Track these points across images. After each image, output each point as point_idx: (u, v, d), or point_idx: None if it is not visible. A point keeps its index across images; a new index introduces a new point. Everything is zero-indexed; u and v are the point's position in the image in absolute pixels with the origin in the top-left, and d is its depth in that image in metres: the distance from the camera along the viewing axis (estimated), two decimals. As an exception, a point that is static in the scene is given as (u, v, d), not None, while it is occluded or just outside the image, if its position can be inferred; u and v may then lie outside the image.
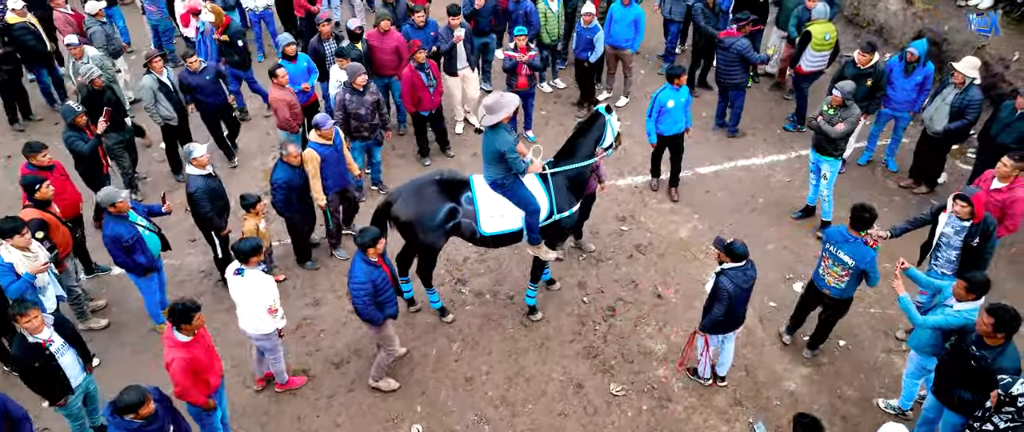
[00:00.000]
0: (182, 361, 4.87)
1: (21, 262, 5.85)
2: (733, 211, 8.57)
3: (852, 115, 7.55)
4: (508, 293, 7.48)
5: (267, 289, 5.69)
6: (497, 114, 6.05)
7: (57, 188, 6.74)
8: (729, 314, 5.69)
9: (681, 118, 8.23)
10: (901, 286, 5.68)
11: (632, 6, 9.79)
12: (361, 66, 8.08)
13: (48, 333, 5.23)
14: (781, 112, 10.42)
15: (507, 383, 6.54)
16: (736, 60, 9.13)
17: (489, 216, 6.33)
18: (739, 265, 5.56)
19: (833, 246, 5.99)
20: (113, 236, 6.27)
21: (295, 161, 7.07)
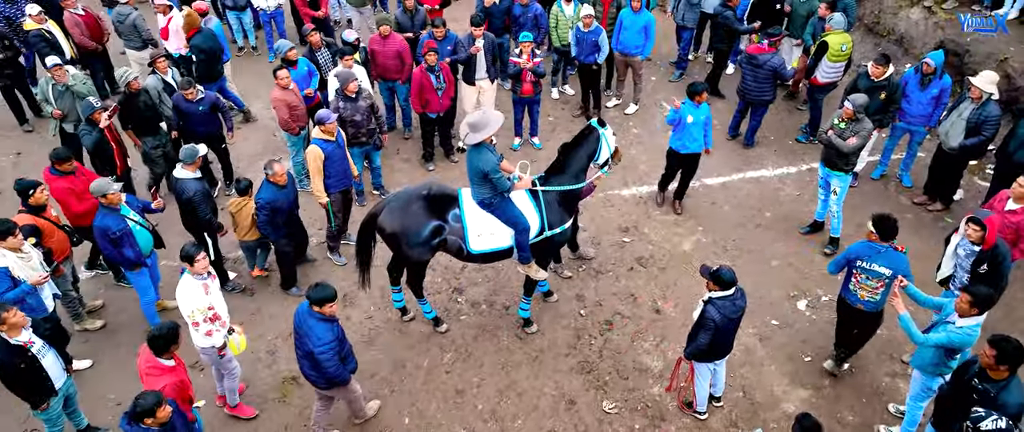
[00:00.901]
0: (172, 386, 4.79)
1: (16, 265, 5.83)
2: (739, 225, 8.37)
3: (864, 129, 7.33)
4: (504, 304, 7.37)
5: (191, 299, 5.46)
6: (480, 132, 5.93)
7: (82, 189, 6.73)
8: (714, 344, 5.51)
9: (700, 136, 7.96)
10: (901, 304, 5.50)
11: (643, 12, 9.60)
12: (352, 73, 8.01)
13: (27, 335, 5.21)
14: (794, 123, 10.19)
15: (498, 397, 6.43)
16: (769, 77, 8.93)
17: (477, 234, 6.21)
18: (728, 294, 5.37)
19: (866, 262, 5.83)
20: (101, 227, 6.28)
21: (281, 180, 6.74)
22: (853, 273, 5.95)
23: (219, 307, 5.59)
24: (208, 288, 5.47)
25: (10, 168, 9.39)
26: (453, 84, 9.11)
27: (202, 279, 5.45)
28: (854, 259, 5.89)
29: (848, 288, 6.06)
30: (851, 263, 5.93)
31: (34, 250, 6.10)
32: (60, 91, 8.33)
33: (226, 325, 5.67)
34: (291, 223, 7.04)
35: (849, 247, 6.01)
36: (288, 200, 6.81)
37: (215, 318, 5.54)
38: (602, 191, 8.90)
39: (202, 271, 5.42)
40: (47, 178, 6.77)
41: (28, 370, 5.23)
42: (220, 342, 5.62)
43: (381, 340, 6.97)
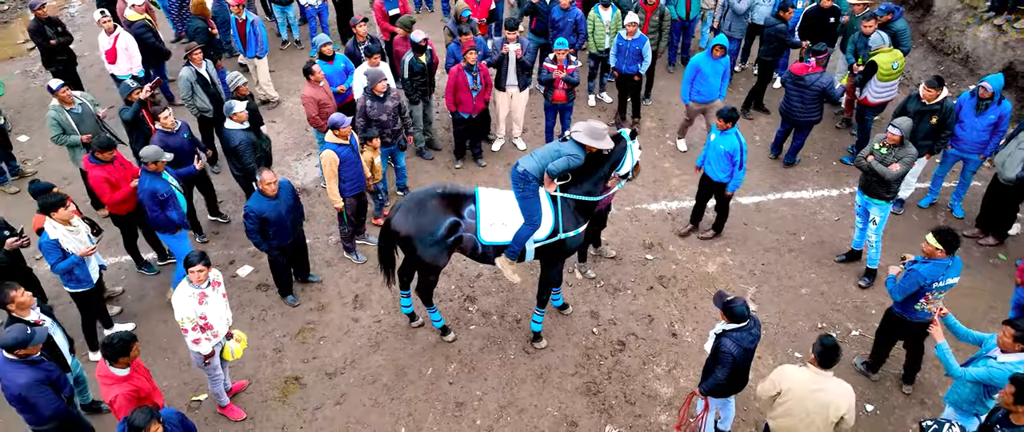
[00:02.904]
0: (126, 395, 4.75)
1: (65, 237, 6.05)
2: (770, 248, 7.97)
3: (908, 155, 6.87)
4: (516, 316, 7.19)
5: (185, 306, 5.42)
6: (590, 139, 5.88)
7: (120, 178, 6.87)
8: (733, 377, 5.20)
9: (725, 167, 7.42)
10: (939, 333, 5.18)
11: (723, 58, 8.71)
12: (381, 71, 7.93)
13: (36, 315, 5.34)
14: (841, 142, 9.69)
15: (498, 412, 6.26)
16: (816, 98, 8.48)
17: (490, 224, 6.05)
18: (742, 325, 5.07)
19: (939, 282, 5.58)
20: (151, 190, 6.59)
21: (269, 190, 6.51)
22: (924, 295, 5.68)
23: (214, 317, 5.54)
24: (205, 298, 5.44)
25: (54, 149, 9.65)
26: (489, 88, 8.98)
27: (199, 288, 5.41)
28: (927, 281, 5.58)
29: (913, 309, 5.77)
30: (925, 288, 5.63)
31: (82, 223, 6.32)
32: (78, 114, 7.77)
33: (218, 335, 5.64)
34: (283, 234, 6.81)
35: (917, 272, 5.61)
36: (277, 212, 6.60)
37: (206, 328, 5.51)
38: (628, 205, 8.63)
39: (198, 281, 5.38)
40: (87, 165, 6.92)
41: (46, 347, 5.31)
42: (207, 350, 5.60)
43: (387, 345, 6.88)
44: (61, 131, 7.71)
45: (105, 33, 9.14)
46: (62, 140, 7.74)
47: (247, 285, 7.57)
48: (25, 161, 9.45)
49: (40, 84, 11.10)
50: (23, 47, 12.10)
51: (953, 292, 6.57)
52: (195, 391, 6.40)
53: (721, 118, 7.27)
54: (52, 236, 5.99)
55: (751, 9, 10.38)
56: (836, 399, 4.62)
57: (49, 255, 6.03)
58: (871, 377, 6.51)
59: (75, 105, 7.76)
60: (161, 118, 7.38)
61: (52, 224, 6.01)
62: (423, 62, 8.70)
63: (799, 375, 4.74)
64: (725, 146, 7.32)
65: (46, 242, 6.01)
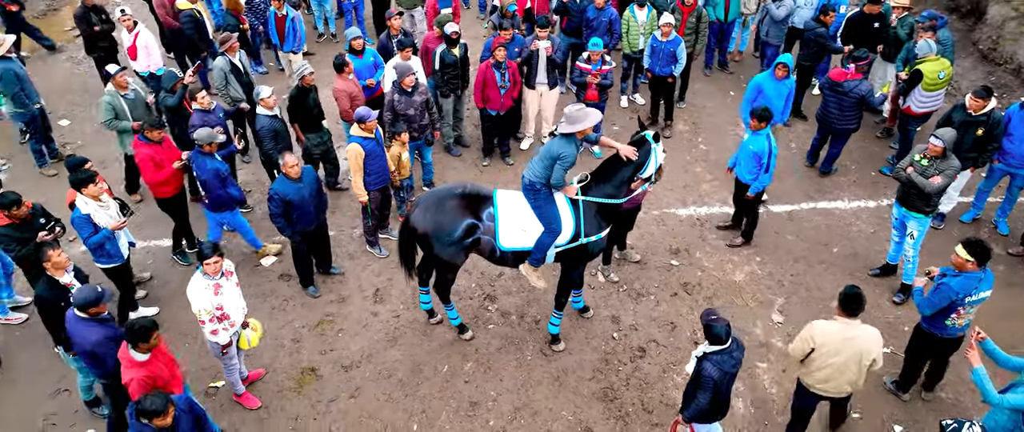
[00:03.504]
0: (140, 380, 4.78)
1: (96, 212, 6.22)
2: (800, 259, 7.74)
3: (951, 168, 6.59)
4: (536, 318, 7.09)
5: (200, 297, 5.44)
6: (574, 125, 5.75)
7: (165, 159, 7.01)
8: (714, 402, 5.01)
9: (753, 169, 7.27)
10: (976, 357, 4.95)
11: (787, 79, 8.22)
12: (410, 66, 7.91)
13: (69, 277, 5.47)
14: (880, 152, 9.37)
15: (512, 414, 6.18)
16: (854, 105, 8.20)
17: (510, 230, 5.98)
18: (724, 348, 4.88)
19: (972, 295, 5.39)
20: (214, 169, 6.89)
21: (292, 173, 6.56)
22: (957, 310, 5.48)
23: (230, 307, 5.57)
24: (219, 288, 5.46)
25: (92, 133, 9.90)
26: (518, 86, 8.90)
27: (213, 279, 5.44)
28: (959, 295, 5.38)
29: (943, 324, 5.57)
30: (957, 303, 5.42)
31: (112, 201, 6.48)
32: (131, 99, 7.91)
33: (234, 325, 5.66)
34: (306, 219, 6.84)
35: (949, 286, 5.40)
36: (301, 195, 6.64)
37: (223, 318, 5.54)
38: (656, 209, 8.46)
39: (213, 273, 5.41)
40: (136, 144, 7.07)
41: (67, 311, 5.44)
42: (225, 340, 5.64)
43: (404, 340, 6.85)
44: (114, 115, 7.83)
45: (126, 30, 9.23)
46: (113, 124, 7.87)
47: (270, 274, 7.62)
48: (65, 145, 9.67)
49: (84, 71, 11.37)
50: (70, 34, 12.40)
51: (993, 314, 6.36)
52: (213, 378, 6.45)
53: (754, 117, 7.08)
54: (83, 211, 6.17)
55: (791, 14, 10.11)
56: (867, 345, 4.97)
57: (81, 229, 6.20)
58: (901, 397, 6.27)
59: (129, 91, 7.93)
60: (198, 98, 7.52)
61: (83, 200, 6.19)
62: (455, 55, 8.66)
63: (831, 328, 5.01)
64: (755, 147, 7.14)
65: (78, 217, 6.18)
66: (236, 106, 8.67)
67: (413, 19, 11.02)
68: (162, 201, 7.36)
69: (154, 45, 9.44)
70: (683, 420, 5.20)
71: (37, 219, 6.32)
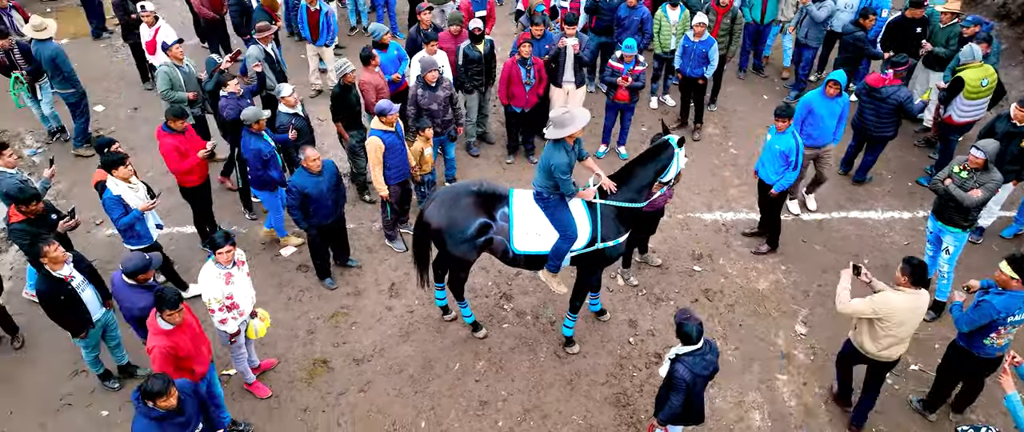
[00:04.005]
0: (162, 349, 4.83)
1: (127, 194, 6.35)
2: (828, 269, 7.48)
3: (992, 181, 6.30)
4: (551, 318, 6.98)
5: (211, 286, 5.44)
6: (562, 129, 5.60)
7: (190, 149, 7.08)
8: (687, 406, 4.90)
9: (779, 168, 7.08)
10: (1010, 384, 4.72)
11: (839, 98, 7.52)
12: (435, 60, 7.86)
13: (69, 270, 5.52)
14: (919, 162, 9.04)
15: (522, 416, 6.08)
16: (892, 112, 7.88)
17: (524, 233, 5.88)
18: (696, 349, 4.75)
19: (1016, 315, 5.14)
20: (256, 150, 6.98)
21: (314, 167, 6.55)
22: (996, 329, 5.22)
23: (240, 296, 5.57)
24: (230, 278, 5.47)
25: (125, 120, 10.07)
26: (544, 83, 8.79)
27: (225, 269, 5.45)
28: (999, 314, 5.13)
29: (982, 343, 5.32)
30: (999, 322, 5.17)
31: (140, 183, 6.61)
32: (186, 73, 8.10)
33: (243, 314, 5.67)
34: (324, 212, 6.83)
35: (991, 304, 5.16)
36: (319, 189, 6.63)
37: (233, 307, 5.55)
38: (681, 213, 8.28)
39: (226, 262, 5.42)
40: (159, 134, 7.13)
41: (68, 302, 5.56)
42: (234, 329, 5.65)
43: (417, 336, 6.80)
44: (170, 86, 8.00)
45: (146, 25, 9.23)
46: (170, 95, 8.00)
47: (288, 265, 7.65)
48: (98, 130, 9.83)
49: (122, 58, 11.57)
50: (111, 23, 12.64)
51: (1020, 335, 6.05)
52: (226, 366, 6.47)
53: (777, 117, 6.88)
54: (115, 192, 6.29)
55: (831, 16, 9.81)
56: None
57: (112, 210, 6.32)
58: (928, 417, 6.02)
59: (184, 65, 8.10)
60: (230, 84, 7.61)
61: (114, 181, 6.31)
62: (479, 51, 8.58)
63: (898, 300, 5.14)
64: (781, 146, 6.95)
65: (109, 198, 6.30)
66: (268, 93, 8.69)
67: (444, 14, 10.95)
68: (186, 190, 7.43)
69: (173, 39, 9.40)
70: (658, 423, 5.12)
71: (49, 215, 6.41)
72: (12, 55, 8.65)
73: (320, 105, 10.08)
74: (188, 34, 11.83)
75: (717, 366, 4.89)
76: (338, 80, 7.93)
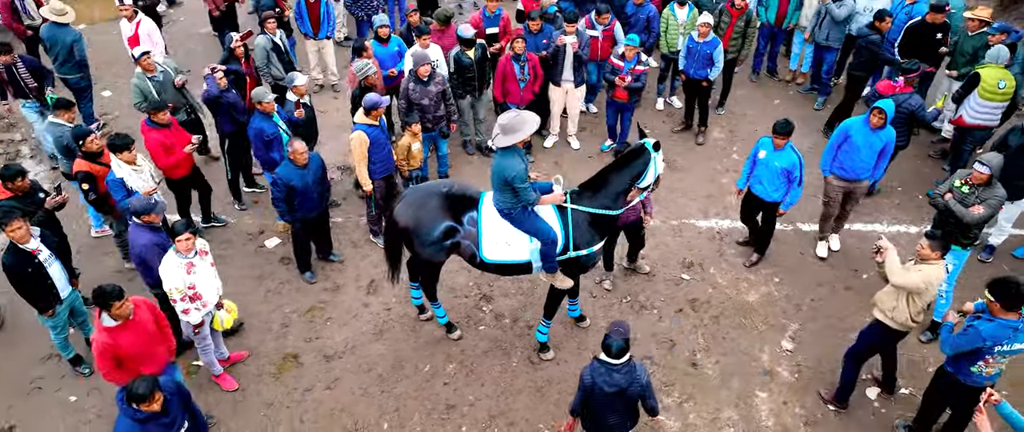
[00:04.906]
0: (101, 345, 4.75)
1: (130, 176, 6.39)
2: (825, 283, 7.17)
3: (995, 197, 5.94)
4: (530, 323, 6.80)
5: (172, 276, 5.37)
6: (511, 135, 5.34)
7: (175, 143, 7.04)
8: (587, 412, 4.75)
9: (779, 186, 6.76)
10: (985, 424, 4.41)
11: (882, 131, 6.69)
12: (427, 54, 7.72)
13: (35, 244, 5.55)
14: (932, 174, 8.62)
15: (487, 422, 5.93)
16: (903, 121, 7.46)
17: (493, 242, 5.69)
18: (610, 362, 4.51)
19: (1005, 345, 4.78)
20: (258, 129, 7.10)
21: (300, 160, 6.50)
22: (984, 358, 4.89)
23: (203, 286, 5.51)
24: (192, 267, 5.41)
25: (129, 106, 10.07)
26: (539, 80, 8.60)
27: (186, 258, 5.39)
28: (989, 344, 4.80)
29: (969, 371, 4.99)
30: (986, 351, 4.85)
31: (146, 163, 6.68)
32: (159, 82, 7.73)
33: (207, 305, 5.61)
34: (309, 206, 6.77)
35: (978, 331, 4.82)
36: (304, 182, 6.59)
37: (195, 298, 5.49)
38: (675, 219, 8.03)
39: (185, 250, 5.36)
40: (143, 129, 7.08)
41: (35, 276, 5.59)
42: (197, 320, 5.59)
43: (391, 334, 6.70)
44: (143, 99, 7.76)
45: (126, 20, 9.02)
46: (143, 107, 7.77)
47: (271, 257, 7.60)
48: (103, 115, 9.95)
49: (135, 44, 11.69)
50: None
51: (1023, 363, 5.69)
52: (197, 356, 6.43)
53: (776, 134, 6.57)
54: (118, 174, 6.36)
55: (850, 18, 9.41)
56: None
57: (115, 192, 6.40)
58: None
59: (157, 73, 7.80)
60: (217, 73, 7.54)
61: (118, 163, 6.37)
62: (470, 57, 8.30)
63: (939, 272, 5.29)
64: (781, 163, 6.63)
65: (112, 180, 6.38)
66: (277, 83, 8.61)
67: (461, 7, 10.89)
68: (172, 181, 7.39)
69: (157, 33, 9.33)
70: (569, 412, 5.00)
71: (37, 192, 6.44)
72: (16, 70, 8.13)
73: (320, 99, 10.04)
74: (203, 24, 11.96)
75: (631, 395, 4.58)
76: (359, 81, 7.78)
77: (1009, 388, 6.02)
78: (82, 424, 5.91)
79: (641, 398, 4.64)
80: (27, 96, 8.26)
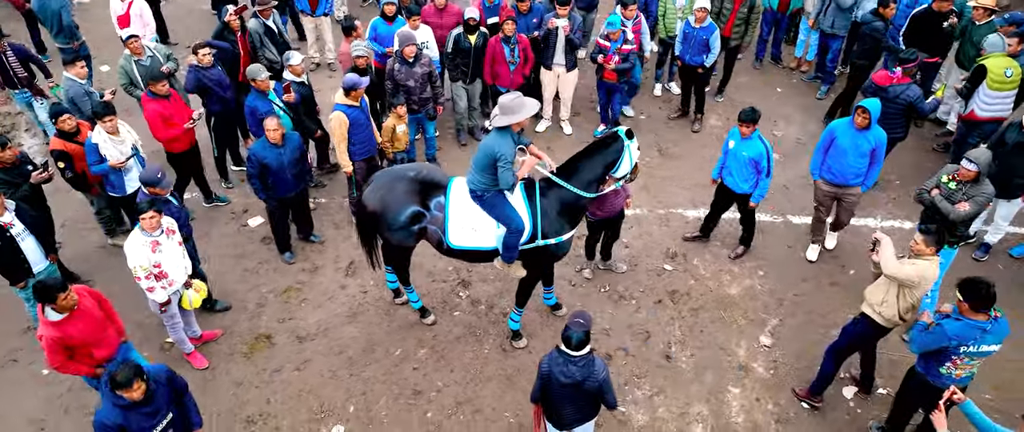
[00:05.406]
0: (50, 340, 4.73)
1: (106, 144, 6.47)
2: (809, 278, 7.01)
3: (982, 194, 5.73)
4: (505, 309, 6.74)
5: (137, 254, 5.37)
6: (509, 116, 5.26)
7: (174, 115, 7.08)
8: (545, 399, 4.70)
9: (748, 176, 6.59)
10: (942, 421, 4.29)
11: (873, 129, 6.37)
12: (413, 35, 7.61)
13: (9, 217, 5.61)
14: (934, 167, 8.30)
15: (453, 408, 5.89)
16: (900, 112, 7.23)
17: (459, 228, 5.61)
18: (568, 353, 4.41)
19: (971, 345, 4.63)
20: (251, 106, 7.12)
21: (274, 137, 6.43)
22: (951, 359, 4.74)
23: (169, 265, 5.51)
24: (157, 245, 5.41)
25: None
26: (530, 63, 8.46)
27: (151, 236, 5.38)
28: (955, 345, 4.66)
29: (938, 372, 4.84)
30: (951, 350, 4.70)
31: (130, 135, 6.73)
32: (146, 66, 7.69)
33: (173, 283, 5.61)
34: (283, 186, 6.72)
35: (944, 330, 4.68)
36: (279, 161, 6.54)
37: (161, 276, 5.49)
38: (663, 207, 7.88)
39: (150, 229, 5.35)
40: (144, 100, 7.13)
41: (6, 249, 5.65)
42: (162, 298, 5.59)
43: (365, 317, 6.67)
44: (128, 81, 7.74)
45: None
46: (130, 90, 7.83)
47: (253, 236, 7.61)
48: (102, 89, 9.96)
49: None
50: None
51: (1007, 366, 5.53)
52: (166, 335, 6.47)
53: (742, 122, 6.40)
54: (94, 141, 6.43)
55: (856, 4, 9.12)
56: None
57: (88, 156, 6.49)
58: None
59: (144, 57, 7.76)
60: (199, 54, 7.49)
61: (99, 130, 6.45)
62: (471, 42, 8.16)
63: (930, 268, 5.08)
64: (748, 152, 6.44)
65: (89, 144, 6.45)
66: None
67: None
68: (172, 155, 7.44)
69: (149, 13, 9.25)
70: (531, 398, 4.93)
71: (25, 165, 6.48)
72: (6, 58, 8.00)
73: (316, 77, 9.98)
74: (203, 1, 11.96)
75: (587, 389, 4.49)
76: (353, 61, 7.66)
77: (992, 392, 5.85)
78: (54, 398, 5.97)
79: (598, 393, 4.55)
80: (15, 86, 8.19)
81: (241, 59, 8.21)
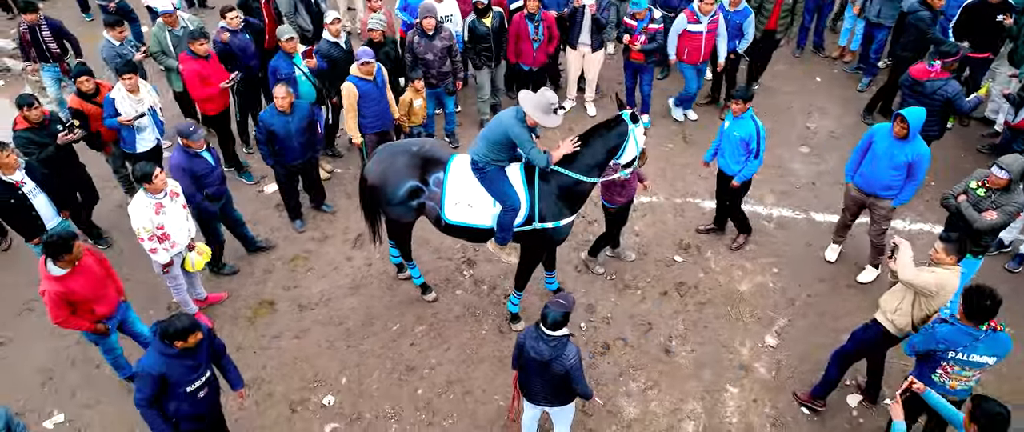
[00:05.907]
0: (54, 295, 4.80)
1: (123, 100, 6.63)
2: (825, 279, 6.74)
3: (1013, 204, 5.41)
4: (507, 291, 6.67)
5: (141, 215, 5.45)
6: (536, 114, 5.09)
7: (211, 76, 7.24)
8: (520, 369, 4.71)
9: (739, 158, 6.38)
10: (899, 412, 4.16)
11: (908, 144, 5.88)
12: (433, 7, 7.50)
13: (20, 175, 5.75)
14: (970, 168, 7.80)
15: (444, 387, 5.88)
16: (938, 109, 6.84)
17: (455, 203, 5.55)
18: (542, 330, 4.35)
19: (962, 353, 4.44)
20: (273, 66, 7.20)
21: (281, 105, 6.47)
22: (941, 364, 4.55)
23: (172, 227, 5.60)
24: (161, 207, 5.49)
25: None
26: (555, 41, 8.28)
27: (154, 198, 5.47)
28: (945, 349, 4.47)
29: (931, 378, 4.64)
30: (940, 355, 4.51)
31: (149, 95, 6.88)
32: (178, 37, 7.82)
33: (176, 245, 5.70)
34: (290, 153, 6.74)
35: (936, 331, 4.51)
36: (286, 129, 6.56)
37: (164, 238, 5.58)
38: (680, 196, 7.67)
39: (155, 191, 5.43)
40: (182, 58, 7.29)
41: (19, 207, 5.81)
42: (165, 260, 5.68)
43: (366, 290, 6.70)
44: (160, 50, 7.84)
45: None
46: (161, 59, 7.92)
47: (267, 202, 7.70)
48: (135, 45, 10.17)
49: None
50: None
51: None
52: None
53: (735, 99, 6.20)
54: (112, 95, 6.62)
55: (906, -9, 8.64)
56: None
57: (106, 108, 6.64)
58: None
59: (178, 28, 7.83)
60: (227, 17, 7.56)
61: (119, 86, 6.62)
62: (487, 26, 7.99)
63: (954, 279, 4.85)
64: (740, 132, 6.27)
65: (107, 99, 6.63)
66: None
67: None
68: (207, 117, 7.59)
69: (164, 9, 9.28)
70: None
71: (54, 124, 6.63)
72: (40, 32, 8.05)
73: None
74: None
75: (554, 371, 4.42)
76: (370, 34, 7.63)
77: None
78: (62, 349, 6.18)
79: (567, 379, 4.47)
80: (47, 60, 8.28)
81: (266, 26, 8.25)
